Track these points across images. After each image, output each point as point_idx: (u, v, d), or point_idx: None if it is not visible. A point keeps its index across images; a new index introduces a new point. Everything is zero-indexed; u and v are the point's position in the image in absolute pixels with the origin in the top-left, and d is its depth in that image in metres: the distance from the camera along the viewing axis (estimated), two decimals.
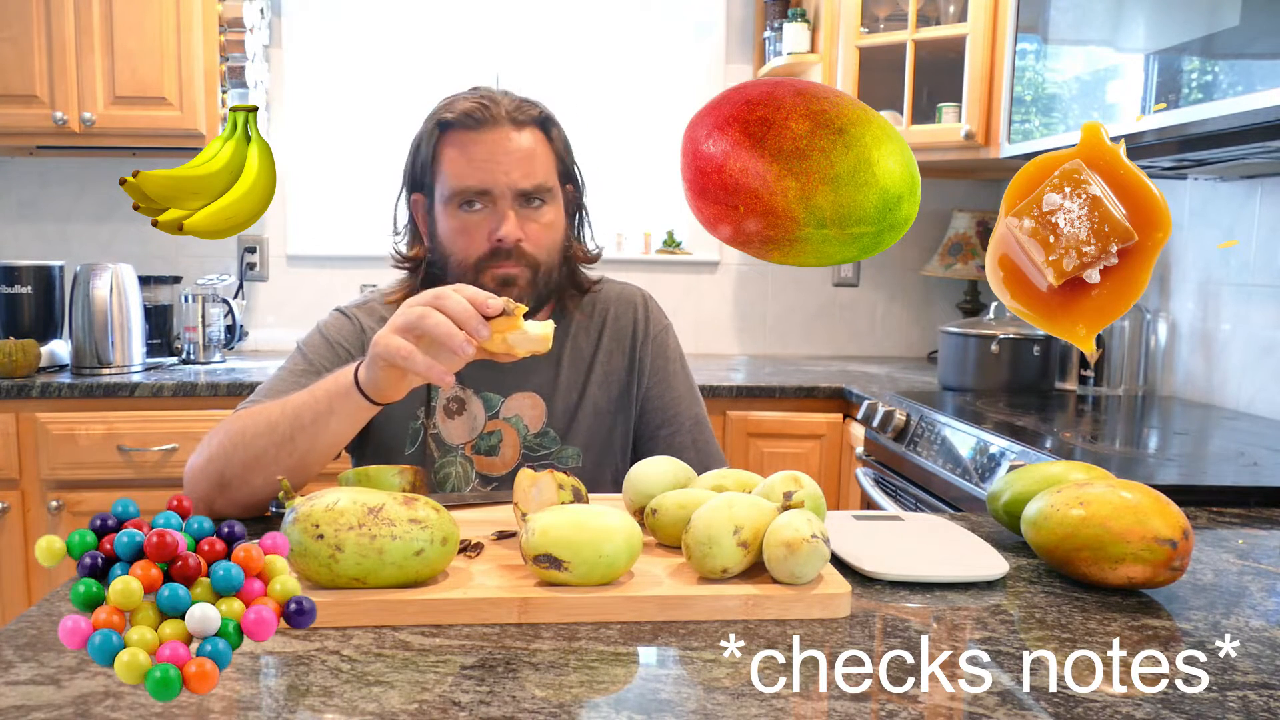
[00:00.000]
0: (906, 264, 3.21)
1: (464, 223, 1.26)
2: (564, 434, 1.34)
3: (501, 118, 1.25)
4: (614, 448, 1.37)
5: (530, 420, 1.33)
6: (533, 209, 1.27)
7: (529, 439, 1.33)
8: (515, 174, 1.24)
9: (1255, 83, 1.38)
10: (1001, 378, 2.30)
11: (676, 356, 1.42)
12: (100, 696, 0.65)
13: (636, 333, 1.40)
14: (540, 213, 1.28)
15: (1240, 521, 1.19)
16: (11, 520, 2.36)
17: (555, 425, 1.34)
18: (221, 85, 2.72)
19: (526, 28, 3.08)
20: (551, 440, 1.33)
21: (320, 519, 0.81)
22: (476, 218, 1.26)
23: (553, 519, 0.84)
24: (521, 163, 1.25)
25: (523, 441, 1.32)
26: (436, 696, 0.66)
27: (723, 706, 0.65)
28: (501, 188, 1.24)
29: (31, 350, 2.42)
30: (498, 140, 1.25)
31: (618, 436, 1.38)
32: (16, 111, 2.59)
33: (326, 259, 3.07)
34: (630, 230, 3.14)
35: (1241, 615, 0.85)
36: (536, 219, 1.27)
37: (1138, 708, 0.66)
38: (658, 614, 0.81)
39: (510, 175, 1.24)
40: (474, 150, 1.25)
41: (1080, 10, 1.90)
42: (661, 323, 1.43)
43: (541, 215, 1.28)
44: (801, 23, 2.82)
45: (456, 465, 1.32)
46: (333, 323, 1.34)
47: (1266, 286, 2.02)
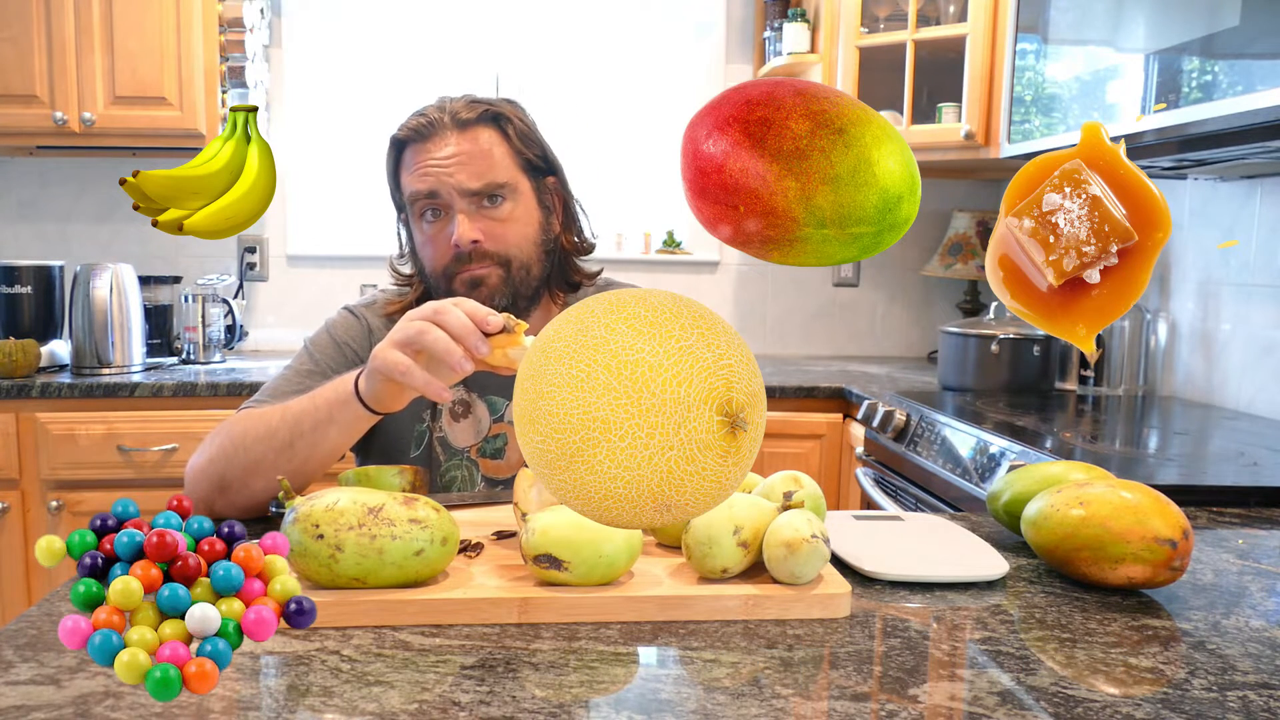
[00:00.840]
0: (906, 264, 3.21)
1: (428, 233, 1.28)
2: None
3: (444, 124, 1.26)
4: None
5: None
6: (490, 207, 1.27)
7: None
8: (459, 175, 1.25)
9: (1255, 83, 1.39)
10: (1001, 378, 2.30)
11: None
12: (100, 696, 0.65)
13: None
14: (498, 210, 1.27)
15: (1240, 521, 1.19)
16: (11, 520, 2.36)
17: None
18: (221, 85, 2.72)
19: (526, 28, 3.08)
20: None
21: (320, 519, 0.81)
22: (437, 226, 1.27)
23: (553, 519, 0.84)
24: (466, 164, 1.25)
25: None
26: (436, 696, 0.66)
27: (723, 706, 0.65)
28: (447, 191, 1.25)
29: (31, 350, 2.42)
30: (440, 145, 1.26)
31: None
32: (16, 111, 2.60)
33: (326, 259, 3.07)
34: (630, 230, 3.14)
35: (1241, 615, 0.85)
36: (493, 216, 1.27)
37: (1138, 708, 0.66)
38: (658, 614, 0.81)
39: (455, 178, 1.25)
40: (420, 160, 1.26)
41: (1080, 10, 1.90)
42: None
43: (499, 212, 1.27)
44: (801, 23, 2.82)
45: (462, 469, 1.32)
46: (340, 322, 1.34)
47: (1266, 286, 2.02)
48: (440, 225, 1.27)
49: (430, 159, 1.25)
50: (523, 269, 1.29)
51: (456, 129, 1.26)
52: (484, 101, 1.29)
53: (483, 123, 1.28)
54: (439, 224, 1.27)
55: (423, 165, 1.26)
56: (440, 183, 1.25)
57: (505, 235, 1.27)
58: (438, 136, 1.26)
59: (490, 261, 1.27)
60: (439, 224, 1.27)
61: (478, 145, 1.26)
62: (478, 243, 1.25)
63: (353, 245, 3.07)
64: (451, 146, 1.25)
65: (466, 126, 1.27)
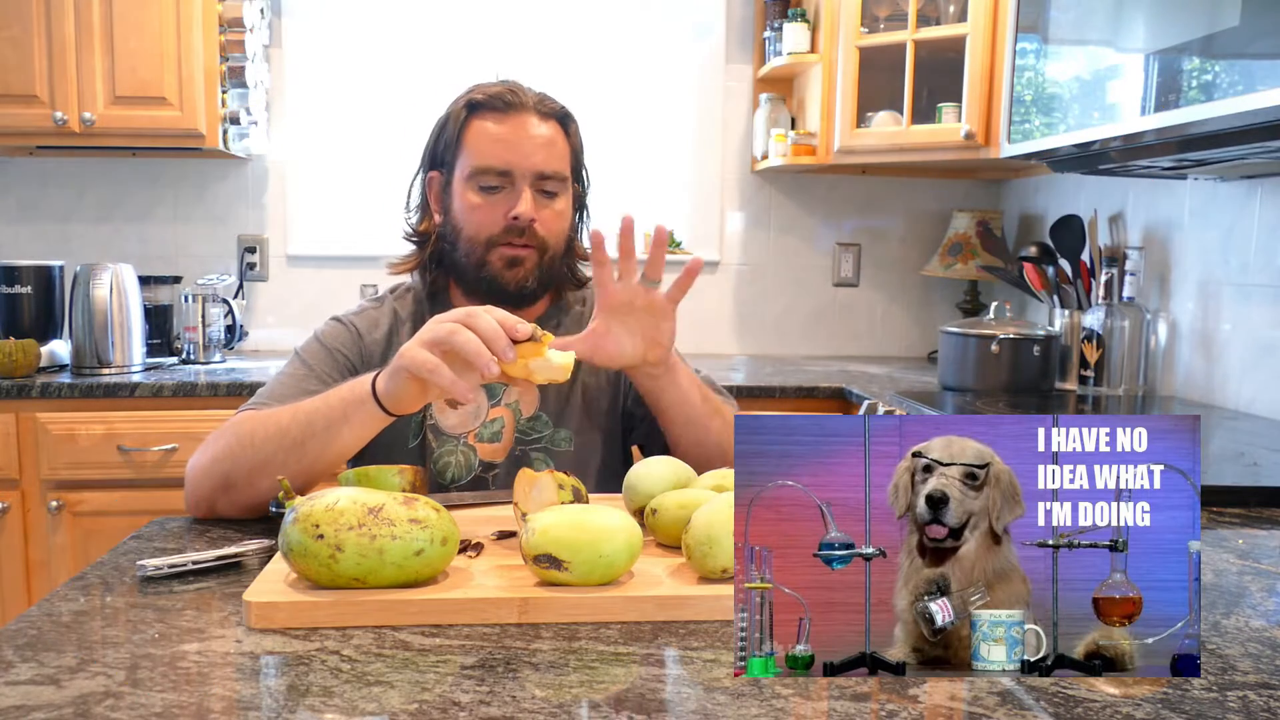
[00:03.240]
0: (906, 264, 3.21)
1: (480, 201, 1.31)
2: (556, 418, 1.36)
3: (528, 104, 1.32)
4: (604, 431, 1.38)
5: (525, 405, 1.35)
6: (547, 195, 1.32)
7: (523, 423, 1.34)
8: (536, 157, 1.30)
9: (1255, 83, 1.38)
10: (1001, 378, 2.30)
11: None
12: (100, 696, 0.65)
13: None
14: (554, 200, 1.33)
15: (1240, 521, 1.19)
16: (11, 520, 2.36)
17: (548, 409, 1.36)
18: (221, 85, 2.72)
19: (526, 27, 3.08)
20: (544, 424, 1.35)
21: (320, 519, 0.81)
22: (494, 197, 1.31)
23: (553, 519, 0.84)
24: (543, 148, 1.31)
25: (517, 425, 1.34)
26: (436, 696, 0.66)
27: (723, 706, 0.65)
28: (523, 169, 1.30)
29: (31, 350, 2.42)
30: (523, 124, 1.31)
31: (610, 421, 1.39)
32: (16, 111, 2.59)
33: (326, 259, 3.07)
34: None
35: (1241, 615, 0.85)
36: (550, 205, 1.33)
37: (1138, 708, 0.66)
38: (658, 614, 0.81)
39: (532, 159, 1.30)
40: (500, 131, 1.31)
41: (1080, 10, 1.90)
42: None
43: (555, 203, 1.33)
44: (801, 23, 2.82)
45: (457, 454, 1.33)
46: (329, 331, 1.36)
47: (1266, 286, 2.02)
48: (499, 197, 1.30)
49: (513, 133, 1.30)
50: (552, 259, 1.34)
51: (539, 114, 1.32)
52: (556, 100, 1.37)
53: (555, 117, 1.35)
54: (498, 196, 1.31)
55: (503, 139, 1.30)
56: (518, 160, 1.29)
57: (552, 224, 1.33)
58: (520, 114, 1.31)
59: (534, 243, 1.31)
60: (498, 196, 1.31)
61: (552, 135, 1.33)
62: (533, 221, 1.30)
63: (353, 245, 3.07)
64: (534, 128, 1.31)
65: (546, 116, 1.33)
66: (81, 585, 0.89)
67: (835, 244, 3.21)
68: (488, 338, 0.97)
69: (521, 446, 1.33)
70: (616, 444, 1.41)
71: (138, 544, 1.02)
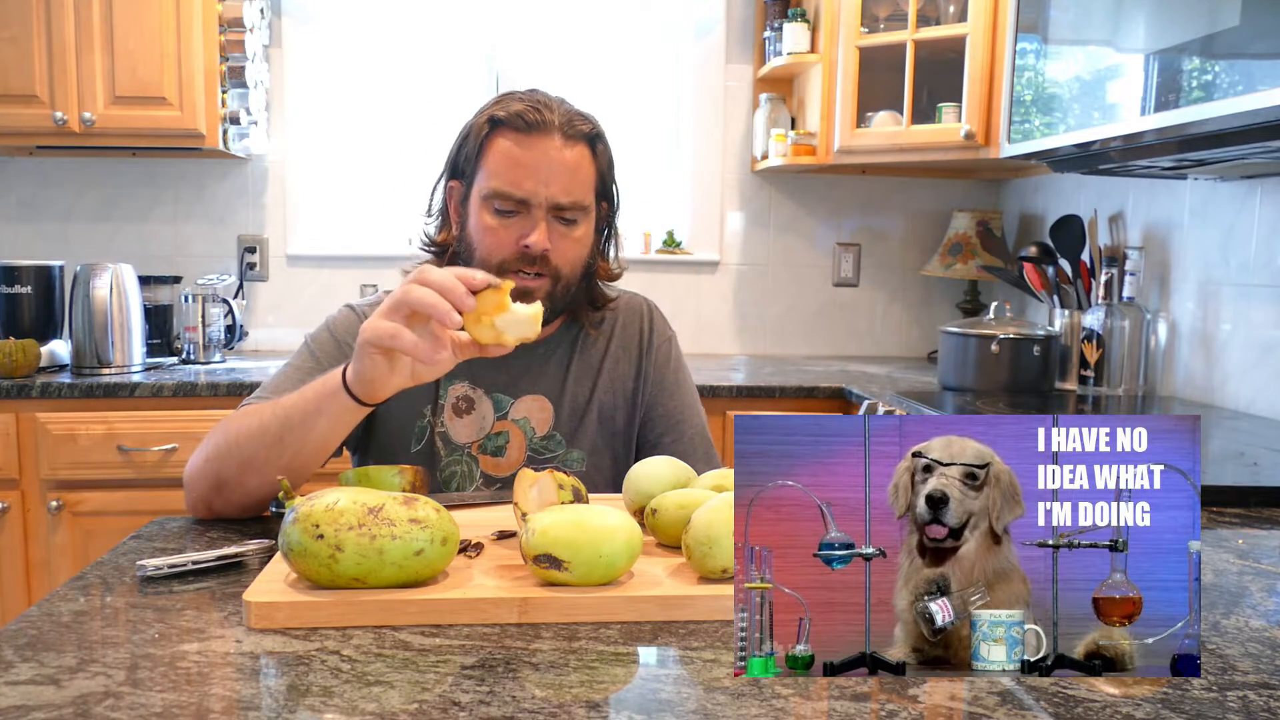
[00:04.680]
0: (906, 264, 3.21)
1: (494, 224, 1.25)
2: (570, 438, 1.34)
3: (553, 126, 1.24)
4: (618, 453, 1.37)
5: (538, 423, 1.33)
6: (565, 224, 1.26)
7: (535, 442, 1.33)
8: (555, 187, 1.23)
9: (1255, 83, 1.38)
10: (1001, 378, 2.30)
11: (680, 367, 1.43)
12: (100, 696, 0.65)
13: (643, 341, 1.40)
14: (572, 229, 1.27)
15: (1240, 521, 1.19)
16: (11, 520, 2.36)
17: (561, 429, 1.34)
18: (221, 85, 2.71)
19: (526, 27, 3.08)
20: (557, 444, 1.33)
21: (320, 519, 0.81)
22: (509, 221, 1.25)
23: (553, 519, 0.84)
24: (563, 176, 1.24)
25: (529, 444, 1.33)
26: (436, 696, 0.66)
27: (723, 706, 0.65)
28: (540, 198, 1.23)
29: (31, 350, 2.41)
30: (546, 150, 1.23)
31: (621, 442, 1.38)
32: (16, 111, 2.59)
33: (326, 259, 3.07)
34: (630, 230, 3.14)
35: (1241, 615, 0.85)
36: (568, 234, 1.26)
37: (1138, 708, 0.66)
38: (658, 614, 0.81)
39: (550, 188, 1.23)
40: (520, 155, 1.24)
41: (1080, 10, 1.90)
42: (665, 333, 1.43)
43: (573, 231, 1.27)
44: (801, 22, 2.82)
45: (462, 464, 1.32)
46: (341, 319, 1.34)
47: (1266, 286, 2.02)
48: (513, 222, 1.25)
49: (534, 159, 1.23)
50: (566, 287, 1.29)
51: (564, 137, 1.24)
52: (587, 118, 1.29)
53: (584, 139, 1.27)
54: (512, 220, 1.25)
55: (522, 163, 1.23)
56: (535, 189, 1.23)
57: (568, 253, 1.27)
58: (544, 135, 1.23)
59: (546, 273, 1.26)
60: (512, 220, 1.25)
61: (577, 161, 1.25)
62: (547, 252, 1.24)
63: (353, 245, 3.07)
64: (556, 153, 1.23)
65: (573, 139, 1.25)
66: (81, 585, 0.89)
67: (835, 244, 3.21)
68: (443, 289, 0.96)
69: (533, 465, 1.31)
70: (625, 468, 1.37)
71: (138, 544, 1.02)
